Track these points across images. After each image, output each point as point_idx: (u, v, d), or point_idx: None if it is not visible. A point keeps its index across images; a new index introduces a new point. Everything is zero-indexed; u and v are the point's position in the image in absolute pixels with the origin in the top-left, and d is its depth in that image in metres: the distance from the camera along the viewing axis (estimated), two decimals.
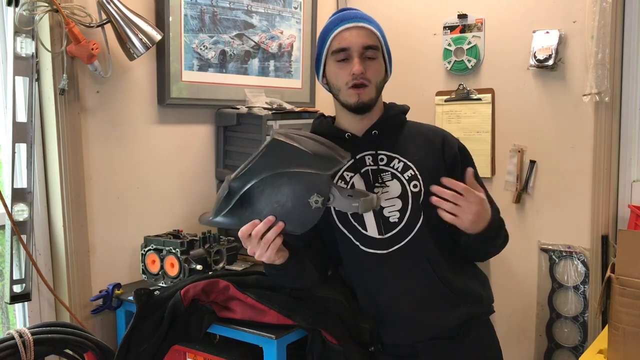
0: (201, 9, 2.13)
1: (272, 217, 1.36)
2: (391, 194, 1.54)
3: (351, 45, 1.51)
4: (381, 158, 1.57)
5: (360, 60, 1.51)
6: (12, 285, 1.72)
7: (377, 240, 1.53)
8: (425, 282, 1.52)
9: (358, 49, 1.51)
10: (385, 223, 1.52)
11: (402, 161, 1.56)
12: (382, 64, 1.56)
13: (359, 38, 1.51)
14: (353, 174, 1.57)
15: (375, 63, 1.53)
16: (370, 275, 1.55)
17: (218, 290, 1.62)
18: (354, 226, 1.55)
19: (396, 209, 1.53)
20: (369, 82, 1.52)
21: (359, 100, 1.53)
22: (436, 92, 2.64)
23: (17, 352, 1.43)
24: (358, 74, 1.50)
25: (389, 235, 1.52)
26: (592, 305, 2.33)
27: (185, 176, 2.18)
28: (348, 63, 1.52)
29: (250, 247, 1.38)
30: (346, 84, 1.53)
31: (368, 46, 1.51)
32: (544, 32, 2.34)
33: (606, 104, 2.23)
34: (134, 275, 1.99)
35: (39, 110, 1.80)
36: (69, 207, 1.81)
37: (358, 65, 1.50)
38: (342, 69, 1.53)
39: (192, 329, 1.60)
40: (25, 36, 1.71)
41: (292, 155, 1.35)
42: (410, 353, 1.55)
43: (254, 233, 1.35)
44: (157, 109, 2.08)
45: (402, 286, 1.53)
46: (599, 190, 2.29)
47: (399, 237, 1.52)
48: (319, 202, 1.35)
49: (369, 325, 1.55)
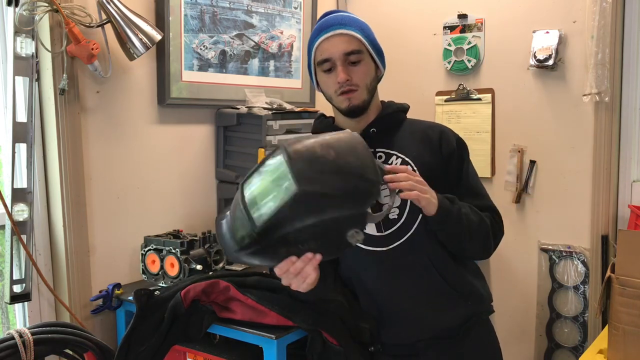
0: (201, 9, 2.13)
1: (310, 254, 1.24)
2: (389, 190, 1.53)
3: (332, 55, 1.52)
4: (379, 155, 1.57)
5: (344, 67, 1.51)
6: (12, 285, 1.72)
7: (376, 238, 1.53)
8: (426, 279, 1.52)
9: (340, 57, 1.51)
10: (384, 220, 1.52)
11: (400, 157, 1.56)
12: (368, 64, 1.55)
13: (340, 45, 1.51)
14: None
15: (360, 66, 1.53)
16: (370, 273, 1.55)
17: (218, 290, 1.62)
18: None
19: (395, 206, 1.53)
20: (357, 87, 1.53)
21: (350, 105, 1.54)
22: (436, 92, 2.64)
23: (17, 352, 1.43)
24: (343, 82, 1.51)
25: (389, 233, 1.52)
26: (592, 305, 2.33)
27: (185, 176, 2.18)
28: (333, 72, 1.53)
29: (286, 281, 1.32)
30: (335, 92, 1.54)
31: (350, 52, 1.51)
32: (544, 32, 2.34)
33: (606, 104, 2.23)
34: (134, 275, 1.99)
35: (39, 110, 1.80)
36: (69, 207, 1.81)
37: (342, 73, 1.51)
38: (329, 78, 1.54)
39: (192, 329, 1.60)
40: (25, 36, 1.71)
41: (321, 204, 1.19)
42: (411, 353, 1.55)
43: (293, 270, 1.28)
44: (157, 109, 2.08)
45: (403, 283, 1.53)
46: (599, 190, 2.29)
47: (398, 234, 1.52)
48: (357, 235, 1.24)
49: (369, 325, 1.55)
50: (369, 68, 1.56)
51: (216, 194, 2.29)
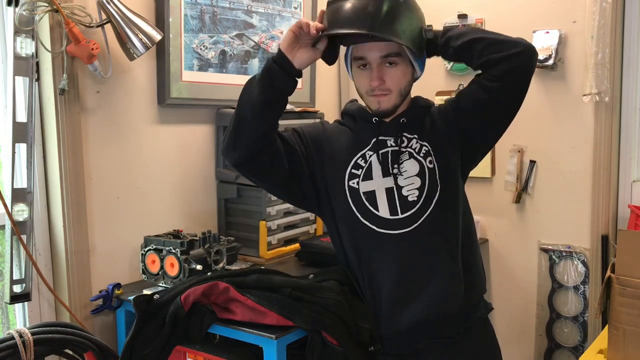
0: (201, 9, 2.13)
1: None
2: (409, 172, 1.55)
3: (368, 56, 1.51)
4: (402, 140, 1.58)
5: (380, 69, 1.51)
6: (12, 285, 1.72)
7: (388, 220, 1.54)
8: (437, 262, 1.54)
9: (375, 60, 1.51)
10: (403, 203, 1.53)
11: (419, 142, 1.58)
12: (405, 68, 1.54)
13: (376, 50, 1.50)
14: (372, 152, 1.58)
15: (396, 70, 1.52)
16: (382, 256, 1.55)
17: (218, 292, 1.62)
18: (364, 205, 1.56)
19: (415, 187, 1.54)
20: (389, 92, 1.52)
21: (379, 108, 1.55)
22: (436, 92, 2.63)
23: (17, 352, 1.43)
24: (375, 87, 1.51)
25: (404, 216, 1.53)
26: (592, 305, 2.33)
27: (185, 176, 2.18)
28: (368, 69, 1.53)
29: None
30: (367, 92, 1.55)
31: (387, 54, 1.50)
32: (544, 32, 2.34)
33: (606, 104, 2.23)
34: (134, 275, 1.99)
35: (39, 110, 1.79)
36: (69, 207, 1.80)
37: (376, 80, 1.50)
38: (363, 75, 1.54)
39: (192, 329, 1.60)
40: (25, 36, 1.71)
41: None
42: (411, 352, 1.55)
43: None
44: (157, 109, 2.08)
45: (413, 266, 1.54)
46: (599, 190, 2.29)
47: (414, 218, 1.53)
48: None
49: (369, 325, 1.55)
50: (405, 72, 1.55)
51: (216, 194, 2.29)
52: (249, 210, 2.21)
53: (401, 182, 1.54)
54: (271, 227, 2.20)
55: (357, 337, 1.55)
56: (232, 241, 1.99)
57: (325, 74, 2.72)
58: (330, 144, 1.65)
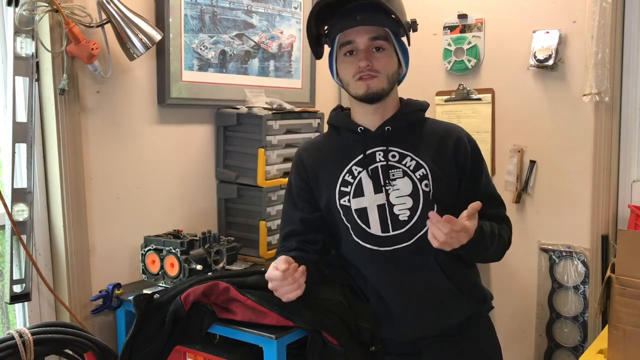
0: (201, 9, 2.13)
1: None
2: (402, 191, 1.53)
3: (356, 39, 1.51)
4: (393, 155, 1.55)
5: (367, 53, 1.51)
6: (12, 285, 1.72)
7: (379, 237, 1.53)
8: (432, 279, 1.53)
9: (364, 42, 1.51)
10: (394, 220, 1.52)
11: (415, 160, 1.54)
12: (392, 55, 1.54)
13: (364, 32, 1.50)
14: (361, 169, 1.56)
15: (383, 54, 1.52)
16: (373, 272, 1.56)
17: (218, 292, 1.61)
18: (356, 222, 1.55)
19: (406, 207, 1.52)
20: (377, 73, 1.51)
21: (368, 91, 1.52)
22: (436, 92, 2.64)
23: (17, 352, 1.43)
24: (364, 67, 1.50)
25: (396, 234, 1.52)
26: (592, 305, 2.33)
27: (185, 176, 2.18)
28: (355, 56, 1.52)
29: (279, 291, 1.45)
30: (353, 76, 1.52)
31: (375, 37, 1.51)
32: (544, 32, 2.34)
33: (606, 104, 2.23)
34: (134, 275, 1.99)
35: (39, 110, 1.79)
36: (69, 207, 1.80)
37: (364, 59, 1.49)
38: (350, 62, 1.53)
39: (192, 329, 1.60)
40: (25, 36, 1.70)
41: None
42: (413, 351, 1.55)
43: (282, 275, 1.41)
44: (157, 109, 2.08)
45: (408, 283, 1.53)
46: (599, 190, 2.29)
47: (405, 236, 1.52)
48: None
49: (369, 325, 1.55)
50: (392, 59, 1.55)
51: (216, 194, 2.29)
52: (249, 210, 2.21)
53: (393, 199, 1.52)
54: (271, 227, 2.20)
55: (357, 337, 1.55)
56: (232, 241, 1.99)
57: (325, 74, 2.71)
58: (314, 171, 1.62)
